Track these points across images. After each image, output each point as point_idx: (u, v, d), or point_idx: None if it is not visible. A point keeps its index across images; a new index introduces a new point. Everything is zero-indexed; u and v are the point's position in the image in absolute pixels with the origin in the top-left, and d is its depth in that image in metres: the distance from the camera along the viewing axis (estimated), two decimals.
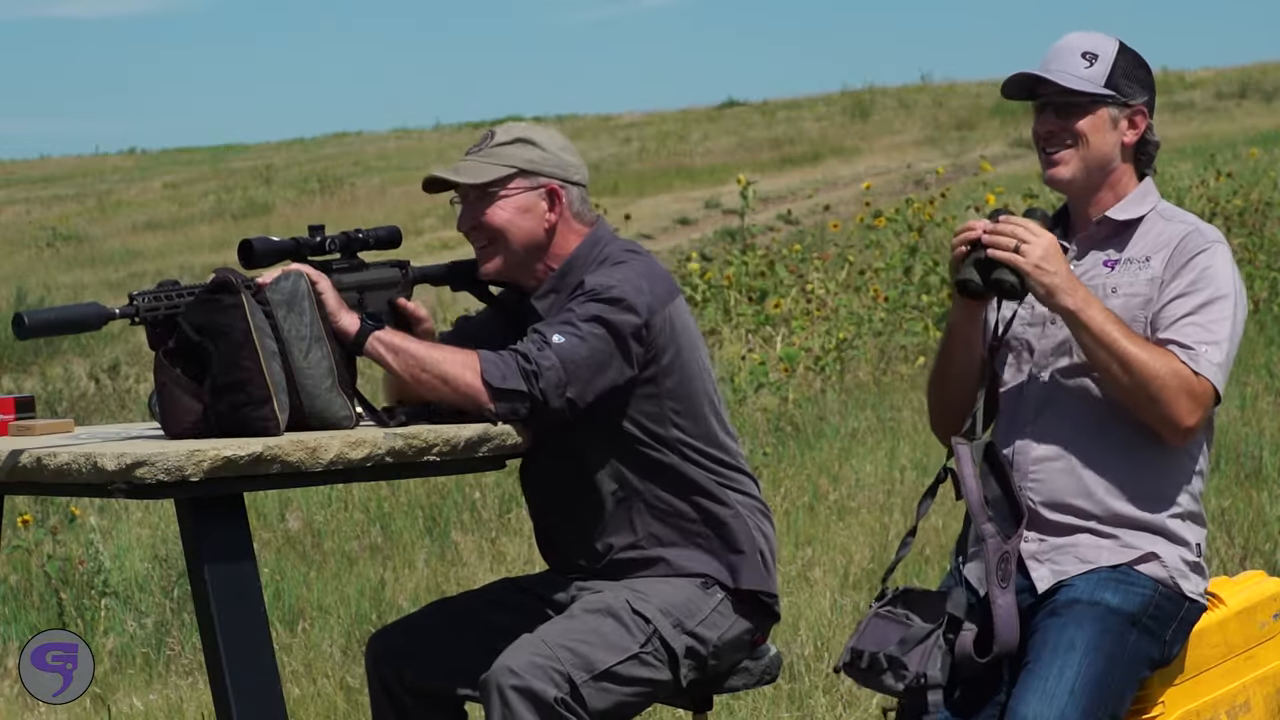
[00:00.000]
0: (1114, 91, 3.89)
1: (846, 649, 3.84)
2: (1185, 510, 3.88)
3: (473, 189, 4.06)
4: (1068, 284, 3.78)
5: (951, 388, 4.01)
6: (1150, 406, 3.77)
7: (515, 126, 4.12)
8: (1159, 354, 3.76)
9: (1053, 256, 3.79)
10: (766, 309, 12.88)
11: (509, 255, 4.05)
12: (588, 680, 3.87)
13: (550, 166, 4.08)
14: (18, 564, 8.05)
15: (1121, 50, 3.92)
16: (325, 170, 34.44)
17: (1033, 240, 3.81)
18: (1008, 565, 3.76)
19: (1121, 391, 3.78)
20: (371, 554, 8.17)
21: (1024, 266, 3.79)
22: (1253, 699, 3.96)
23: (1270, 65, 38.61)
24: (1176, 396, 3.75)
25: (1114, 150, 3.91)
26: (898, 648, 3.75)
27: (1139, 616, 3.76)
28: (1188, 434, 3.80)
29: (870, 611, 3.87)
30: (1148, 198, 3.95)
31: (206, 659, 3.65)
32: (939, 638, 3.74)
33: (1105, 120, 3.90)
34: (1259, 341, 11.64)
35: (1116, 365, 3.76)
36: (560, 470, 4.10)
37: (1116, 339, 3.75)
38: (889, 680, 3.76)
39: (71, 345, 16.81)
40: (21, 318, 3.55)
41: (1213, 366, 3.77)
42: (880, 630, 3.82)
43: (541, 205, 4.07)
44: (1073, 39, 3.94)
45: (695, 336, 4.12)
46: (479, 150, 4.08)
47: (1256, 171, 18.82)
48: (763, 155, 30.34)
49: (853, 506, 8.22)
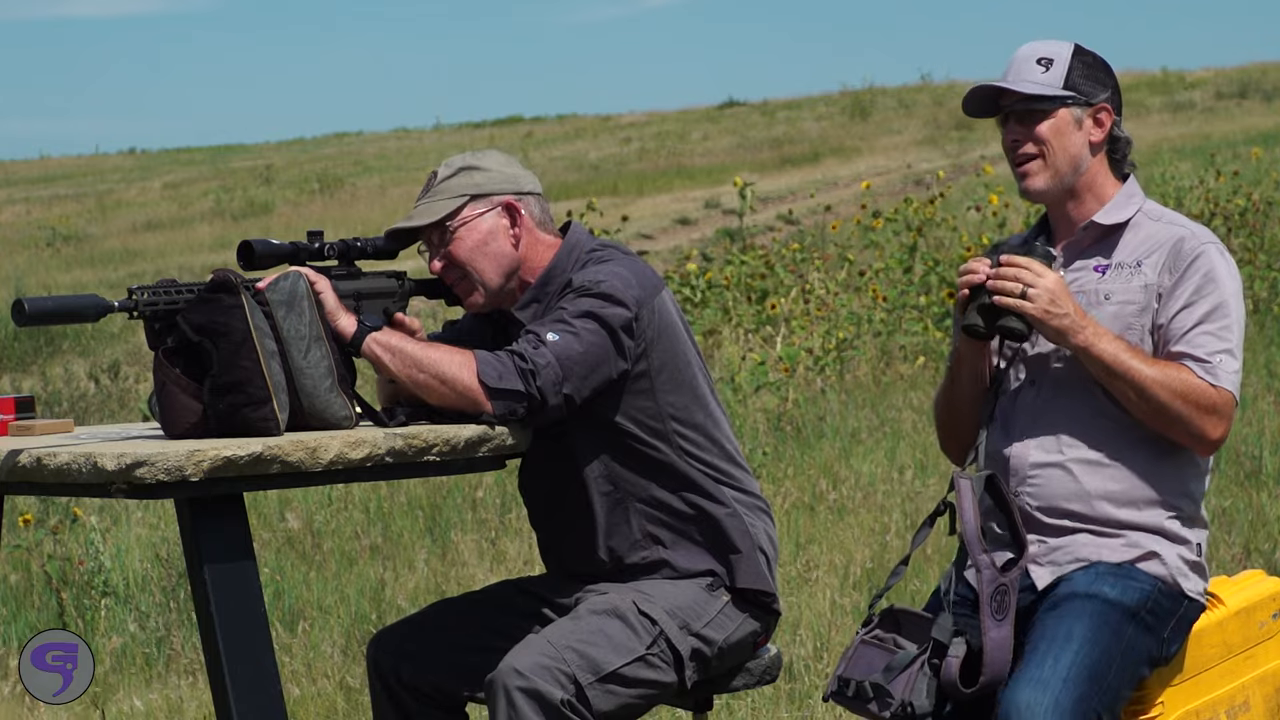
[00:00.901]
0: (1073, 92, 3.89)
1: (834, 677, 3.85)
2: (1185, 514, 3.88)
3: (433, 230, 4.07)
4: (1077, 323, 3.78)
5: (959, 416, 4.03)
6: (1176, 426, 3.79)
7: (455, 159, 4.13)
8: (1175, 373, 3.77)
9: (1060, 297, 3.79)
10: (766, 309, 12.88)
11: (486, 282, 4.06)
12: (593, 682, 3.87)
13: (498, 183, 4.09)
14: (18, 564, 8.05)
15: (1077, 52, 3.93)
16: (325, 170, 34.45)
17: (1038, 284, 3.80)
18: (1004, 598, 3.76)
19: (1144, 416, 3.79)
20: (371, 554, 8.17)
21: (1033, 313, 3.80)
22: (1252, 699, 3.96)
23: (1270, 65, 38.63)
24: (1199, 413, 3.77)
25: (1082, 150, 3.91)
26: (883, 675, 3.76)
27: (1137, 611, 3.76)
28: (1216, 445, 3.83)
29: (857, 638, 3.87)
30: (1133, 199, 3.94)
31: (206, 659, 3.65)
32: (924, 664, 3.75)
33: (1068, 121, 3.90)
34: (1259, 341, 11.64)
35: (1134, 393, 3.77)
36: (557, 475, 4.10)
37: (1131, 367, 3.76)
38: (875, 709, 3.76)
39: (71, 345, 16.81)
40: (21, 304, 3.60)
41: (1230, 375, 3.79)
42: (866, 658, 3.83)
43: (503, 223, 4.07)
44: (1027, 49, 3.96)
45: (683, 329, 4.11)
46: (427, 194, 4.09)
47: (1257, 171, 18.82)
48: (763, 155, 30.35)
49: (853, 506, 8.22)
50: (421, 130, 47.09)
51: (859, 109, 36.39)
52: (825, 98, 40.93)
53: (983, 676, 3.71)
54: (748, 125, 36.89)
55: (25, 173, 42.69)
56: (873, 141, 31.10)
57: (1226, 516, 7.49)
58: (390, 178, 32.35)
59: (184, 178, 37.10)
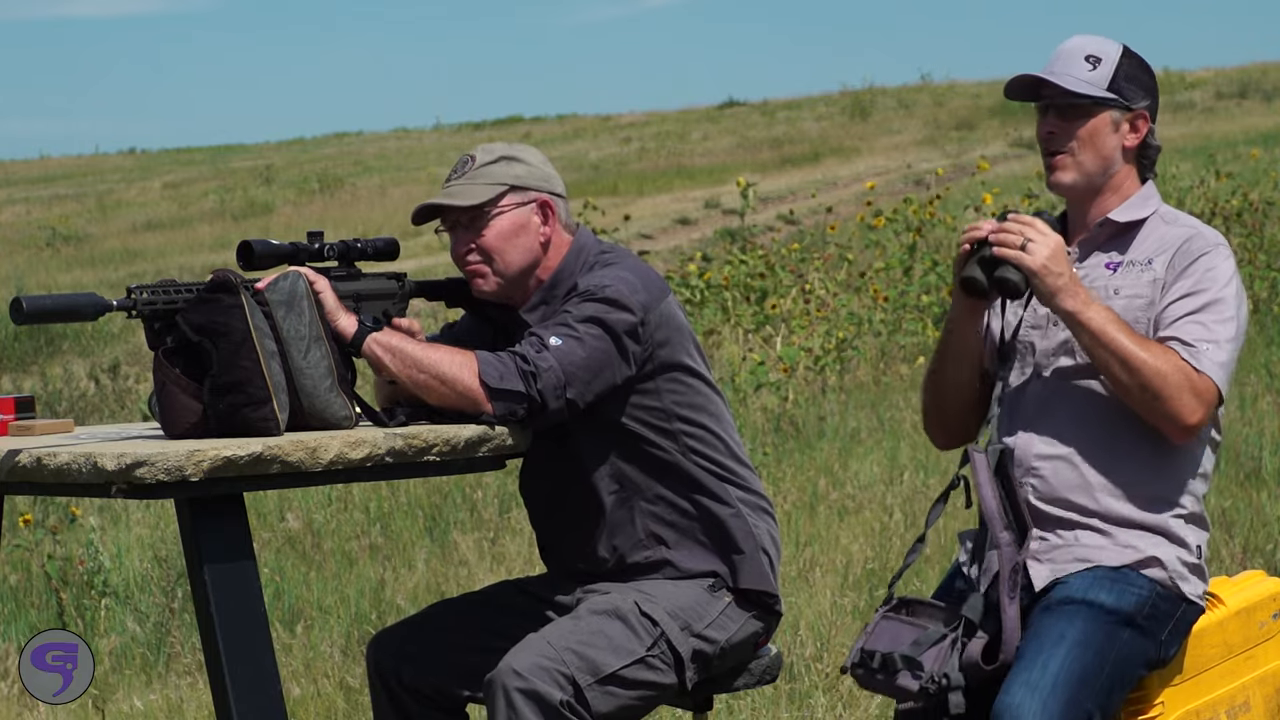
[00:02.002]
0: (1116, 95, 3.89)
1: (855, 650, 3.82)
2: (1188, 512, 3.88)
3: (465, 212, 4.05)
4: (1071, 286, 3.78)
5: (947, 389, 4.01)
6: (1153, 404, 3.77)
7: (494, 146, 4.12)
8: (1160, 351, 3.76)
9: (1059, 258, 3.80)
10: (766, 309, 12.88)
11: (506, 273, 4.05)
12: (593, 684, 3.87)
13: (537, 180, 4.08)
14: (18, 564, 8.05)
15: (1125, 54, 3.92)
16: (325, 170, 34.45)
17: (1040, 240, 3.81)
18: (1018, 576, 3.76)
19: (1124, 390, 3.78)
20: (371, 554, 8.17)
21: (1030, 265, 3.80)
22: (1252, 699, 3.96)
23: (1270, 65, 38.64)
24: (1178, 394, 3.75)
25: (1115, 154, 3.91)
26: (912, 648, 3.75)
27: (1133, 616, 3.76)
28: (1191, 431, 3.79)
29: (877, 615, 3.85)
30: (1149, 201, 3.95)
31: (206, 659, 3.65)
32: (955, 640, 3.73)
33: (1107, 123, 3.90)
34: (1259, 341, 11.64)
35: (1117, 365, 3.76)
36: (560, 475, 4.10)
37: (1116, 338, 3.75)
38: (904, 681, 3.73)
39: (72, 345, 16.81)
40: (20, 302, 3.61)
41: (1214, 365, 3.77)
42: (892, 631, 3.80)
43: (535, 220, 4.07)
44: (1077, 42, 3.94)
45: (688, 331, 4.11)
46: (463, 174, 4.07)
47: (1257, 171, 18.82)
48: (763, 155, 30.35)
49: (853, 506, 8.22)
50: (421, 130, 47.11)
51: (859, 109, 36.40)
52: (825, 98, 40.95)
53: (1001, 654, 3.71)
54: (748, 125, 36.90)
55: (25, 173, 42.70)
56: (873, 141, 31.10)
57: (1226, 516, 7.49)
58: (390, 178, 32.35)
59: (184, 178, 37.10)
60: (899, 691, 3.76)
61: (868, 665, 3.78)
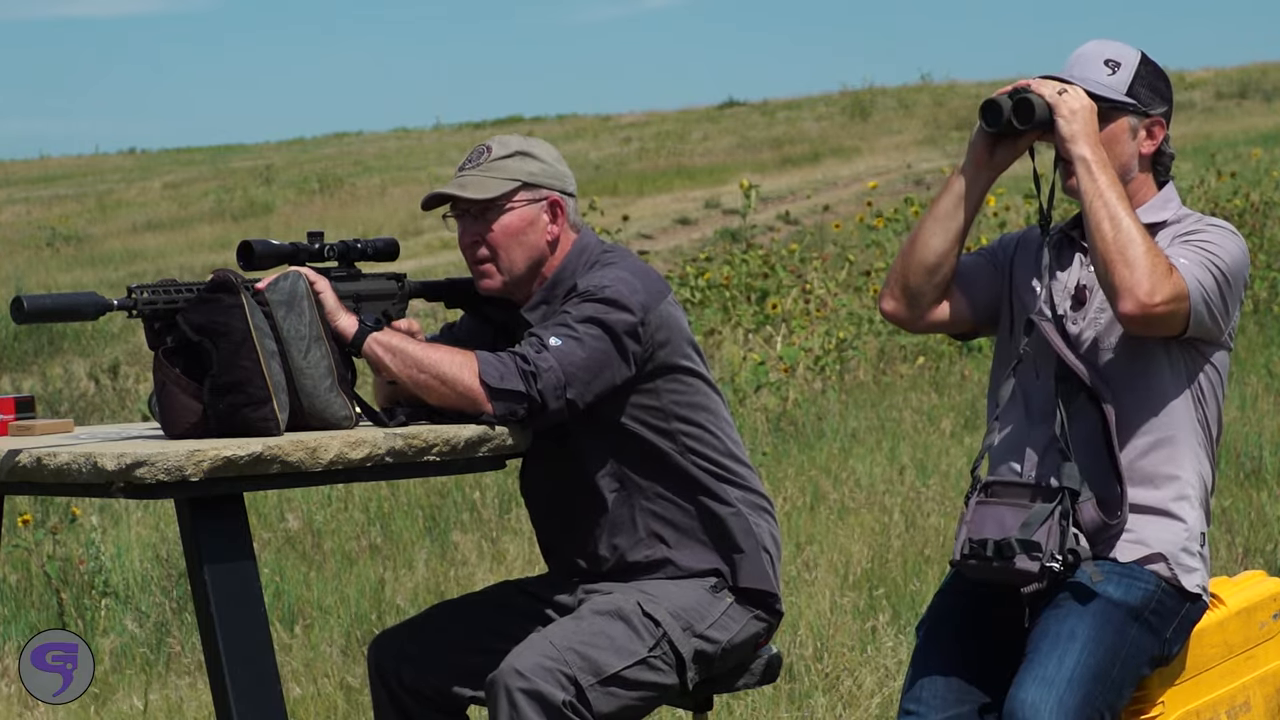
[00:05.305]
0: (1134, 100, 3.88)
1: (962, 541, 3.78)
2: (1195, 497, 3.86)
3: (475, 204, 4.05)
4: (1091, 139, 3.80)
5: (919, 250, 3.93)
6: (1122, 270, 3.72)
7: (510, 140, 4.11)
8: (1149, 236, 3.76)
9: (1087, 114, 3.81)
10: (766, 309, 12.88)
11: (511, 270, 4.05)
12: (594, 684, 3.87)
13: (550, 178, 4.08)
14: (18, 564, 8.05)
15: (1144, 60, 3.92)
16: (325, 170, 34.45)
17: (1075, 93, 3.83)
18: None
19: (1103, 246, 3.75)
20: (371, 554, 8.17)
21: (1057, 104, 3.82)
22: (1253, 699, 3.97)
23: (1270, 65, 38.66)
24: (1151, 270, 3.71)
25: (1131, 160, 3.90)
26: (1023, 530, 3.72)
27: (1140, 611, 3.76)
28: (1146, 310, 3.72)
29: (971, 503, 3.82)
30: (1169, 204, 3.93)
31: (206, 659, 3.65)
32: (1063, 513, 3.72)
33: (1124, 129, 3.89)
34: (1259, 341, 11.64)
35: (1107, 220, 3.75)
36: (560, 475, 4.10)
37: (1115, 197, 3.76)
38: (1022, 564, 3.71)
39: (72, 345, 16.81)
40: (20, 301, 3.62)
41: (1192, 278, 3.76)
42: (995, 516, 3.78)
43: (544, 218, 4.07)
44: (1094, 46, 3.93)
45: (688, 332, 4.11)
46: (477, 165, 4.07)
47: (1257, 171, 18.83)
48: (763, 155, 30.36)
49: (853, 506, 8.22)
50: (421, 130, 47.12)
51: (859, 109, 36.41)
52: (825, 98, 40.96)
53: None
54: (748, 125, 36.90)
55: (25, 173, 42.70)
56: (873, 141, 31.11)
57: (1226, 516, 7.49)
58: (390, 178, 32.35)
59: (184, 178, 37.10)
60: (1020, 575, 3.73)
61: (980, 554, 3.75)
